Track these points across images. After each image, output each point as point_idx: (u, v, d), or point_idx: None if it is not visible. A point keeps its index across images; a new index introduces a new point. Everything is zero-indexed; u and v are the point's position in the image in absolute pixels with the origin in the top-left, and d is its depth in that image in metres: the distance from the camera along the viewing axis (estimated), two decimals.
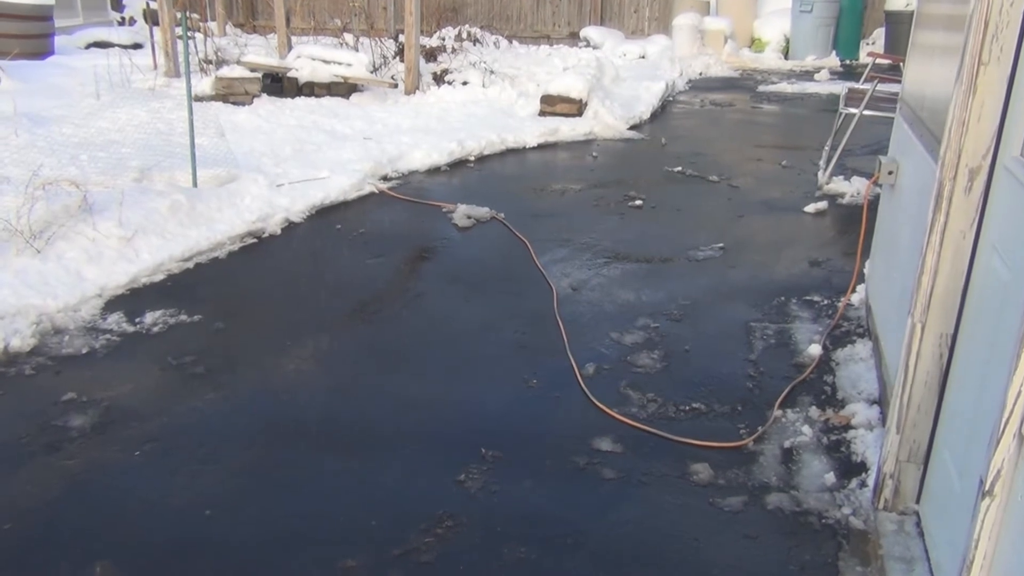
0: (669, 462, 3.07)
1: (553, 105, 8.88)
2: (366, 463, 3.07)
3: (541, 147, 8.02)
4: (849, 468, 3.01)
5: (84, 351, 3.84)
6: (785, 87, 11.69)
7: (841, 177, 6.66)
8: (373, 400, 3.51)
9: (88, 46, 12.71)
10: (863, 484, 2.88)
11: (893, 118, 4.12)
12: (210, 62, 9.94)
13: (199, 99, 8.32)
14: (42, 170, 4.85)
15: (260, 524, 2.74)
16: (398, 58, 10.30)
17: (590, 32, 14.74)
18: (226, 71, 9.07)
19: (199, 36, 10.53)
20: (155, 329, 4.07)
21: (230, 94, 8.86)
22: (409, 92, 9.66)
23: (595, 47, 14.01)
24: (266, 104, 8.79)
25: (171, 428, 3.26)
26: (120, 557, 2.56)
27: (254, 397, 3.52)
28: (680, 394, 3.54)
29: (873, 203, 4.36)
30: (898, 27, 12.61)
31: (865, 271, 4.43)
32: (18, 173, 5.34)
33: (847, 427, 3.25)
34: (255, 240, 5.28)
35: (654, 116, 9.55)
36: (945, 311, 2.49)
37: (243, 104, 8.74)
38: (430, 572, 2.52)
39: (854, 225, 5.39)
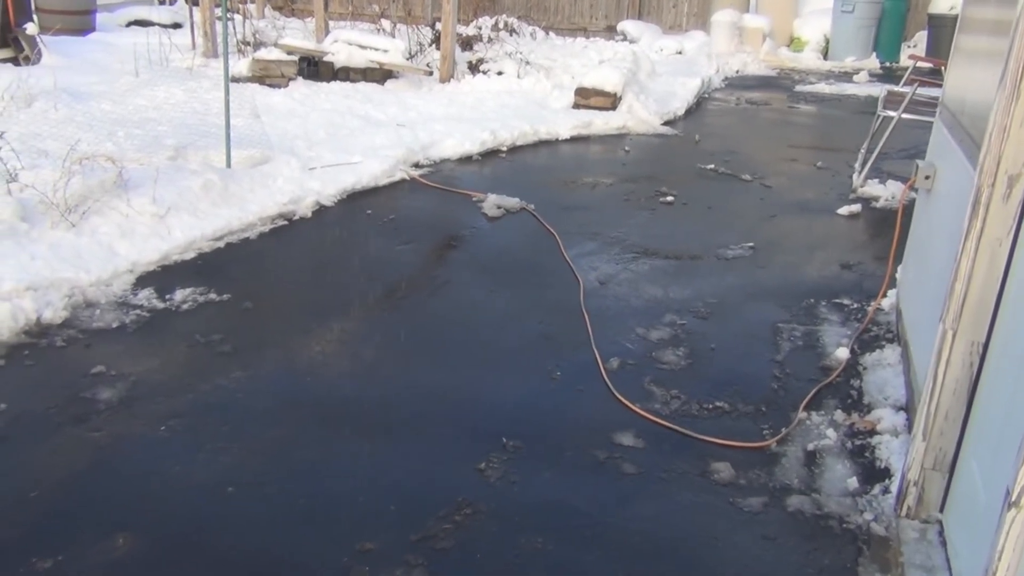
0: (690, 460, 3.06)
1: (587, 98, 8.84)
2: (387, 447, 3.09)
3: (574, 139, 8.00)
4: (873, 474, 2.98)
5: (114, 325, 3.89)
6: (823, 88, 11.55)
7: (876, 180, 6.58)
8: (397, 385, 3.53)
9: (129, 24, 12.82)
10: (886, 490, 2.86)
11: (932, 122, 4.06)
12: (248, 44, 10.00)
13: (236, 80, 8.38)
14: (79, 145, 4.92)
15: (281, 503, 2.76)
16: (434, 46, 10.30)
17: (627, 26, 14.65)
18: (263, 53, 9.12)
19: (238, 18, 10.59)
20: (184, 306, 4.11)
21: (266, 76, 8.90)
22: (444, 80, 9.66)
23: (632, 41, 13.93)
24: (301, 87, 8.83)
25: (197, 405, 3.29)
26: (143, 529, 2.60)
27: (279, 377, 3.54)
28: (704, 392, 3.52)
29: (908, 207, 4.30)
30: (941, 30, 12.43)
31: (897, 276, 4.38)
32: (56, 147, 5.42)
33: (872, 432, 3.22)
34: (286, 222, 5.31)
35: (689, 112, 9.48)
36: (977, 319, 2.45)
37: (279, 87, 8.78)
38: (447, 558, 2.53)
39: (887, 229, 5.33)
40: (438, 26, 10.29)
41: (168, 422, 3.17)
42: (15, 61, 8.82)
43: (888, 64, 13.71)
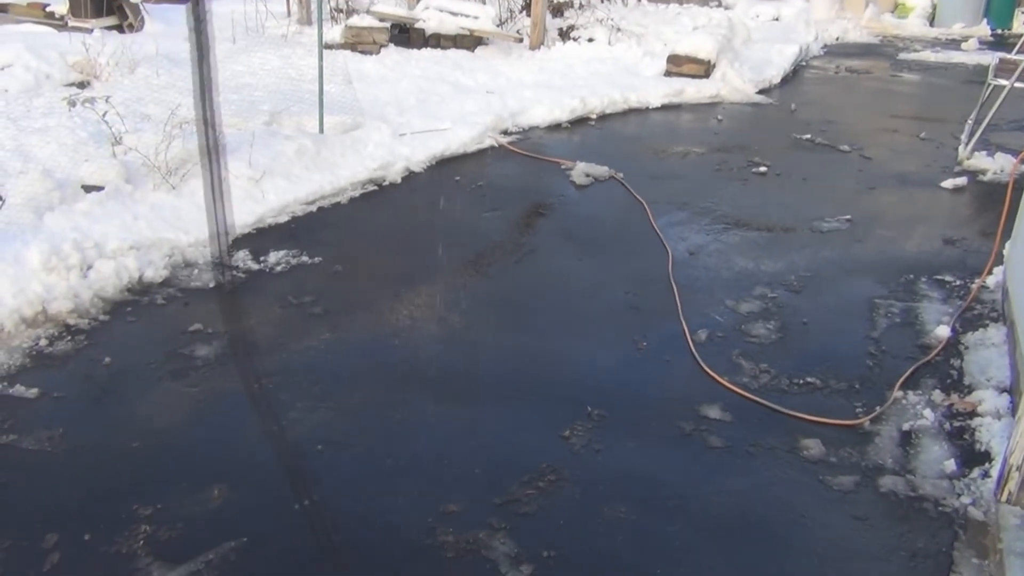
0: (779, 435, 3.00)
1: (680, 65, 8.66)
2: (473, 411, 3.12)
3: (664, 108, 7.85)
4: (972, 456, 2.87)
5: (211, 285, 4.01)
6: (928, 56, 11.06)
7: (984, 152, 6.28)
8: (483, 350, 3.55)
9: None
10: (986, 474, 2.75)
11: None
12: (341, 11, 10.09)
13: (328, 47, 8.47)
14: (180, 110, 5.04)
15: (368, 462, 2.81)
16: (525, 12, 10.22)
17: None
18: (356, 20, 9.19)
19: None
20: (278, 268, 4.20)
21: (359, 43, 8.99)
22: (534, 47, 9.59)
23: (727, 7, 13.58)
24: (393, 54, 8.89)
25: (288, 364, 3.37)
26: (236, 482, 2.68)
27: (368, 340, 3.60)
28: (795, 367, 3.44)
29: (1019, 181, 4.10)
30: None
31: (1004, 252, 4.18)
32: (158, 112, 5.58)
33: (972, 414, 3.10)
34: (376, 187, 5.38)
35: (785, 81, 9.20)
36: None
37: (371, 53, 8.86)
38: (530, 523, 2.55)
39: (995, 204, 5.09)
40: None
41: (261, 380, 3.26)
42: (120, 28, 9.12)
43: (1000, 31, 13.04)
